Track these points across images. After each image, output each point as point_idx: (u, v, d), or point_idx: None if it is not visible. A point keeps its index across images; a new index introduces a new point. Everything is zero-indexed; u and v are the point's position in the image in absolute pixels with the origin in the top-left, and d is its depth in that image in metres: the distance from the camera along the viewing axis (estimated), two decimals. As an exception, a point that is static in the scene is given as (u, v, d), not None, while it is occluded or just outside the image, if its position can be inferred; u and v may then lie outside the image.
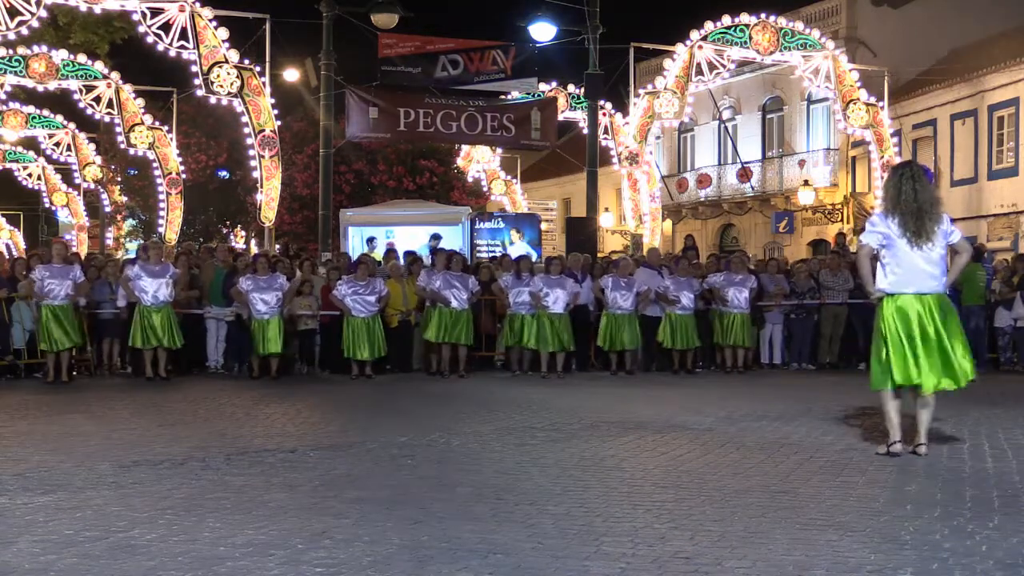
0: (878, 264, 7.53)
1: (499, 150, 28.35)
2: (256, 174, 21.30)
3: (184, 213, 27.26)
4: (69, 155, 31.40)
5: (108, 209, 32.63)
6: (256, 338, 14.20)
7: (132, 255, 19.47)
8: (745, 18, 22.67)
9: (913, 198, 7.35)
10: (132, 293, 14.02)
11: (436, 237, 20.65)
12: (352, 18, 21.39)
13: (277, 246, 23.08)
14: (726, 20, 22.62)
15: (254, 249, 27.20)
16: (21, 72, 23.52)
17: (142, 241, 25.04)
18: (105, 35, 24.15)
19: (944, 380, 7.27)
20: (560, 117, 24.82)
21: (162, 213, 26.36)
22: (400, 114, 21.65)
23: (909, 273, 7.33)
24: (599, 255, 20.55)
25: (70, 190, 34.85)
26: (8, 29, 18.45)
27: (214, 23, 19.75)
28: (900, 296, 7.36)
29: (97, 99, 25.09)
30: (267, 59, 20.97)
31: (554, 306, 14.88)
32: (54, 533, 5.16)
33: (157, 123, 26.14)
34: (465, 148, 28.28)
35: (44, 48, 23.36)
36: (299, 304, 14.95)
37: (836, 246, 19.95)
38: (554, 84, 25.14)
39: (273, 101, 20.88)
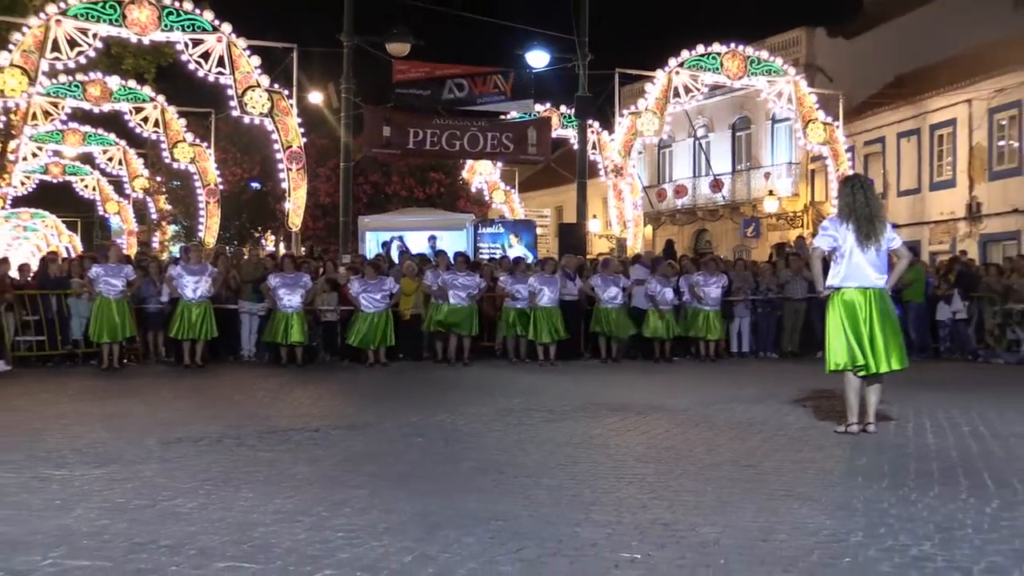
0: (831, 263, 7.56)
1: (499, 164, 28.34)
2: (284, 185, 21.32)
3: (221, 219, 27.29)
4: (120, 169, 31.44)
5: (154, 216, 32.70)
6: (278, 328, 14.22)
7: (176, 256, 19.50)
8: (717, 47, 22.68)
9: (865, 204, 7.40)
10: (175, 290, 14.04)
11: (432, 238, 21.02)
12: (369, 47, 21.40)
13: (303, 248, 23.08)
14: (700, 49, 22.63)
15: (283, 251, 27.21)
16: (79, 96, 23.58)
17: (183, 244, 25.04)
18: (153, 60, 24.20)
19: (879, 364, 7.29)
20: (553, 134, 24.81)
21: (201, 219, 26.39)
22: (411, 133, 21.64)
23: (856, 270, 7.37)
24: (588, 256, 20.58)
25: (121, 199, 34.88)
26: (68, 58, 18.46)
27: (247, 52, 19.74)
28: (846, 290, 7.40)
29: (145, 119, 25.18)
30: (294, 83, 20.98)
31: (543, 301, 14.91)
32: (108, 501, 5.16)
33: (198, 140, 26.17)
34: (469, 162, 28.27)
35: (99, 74, 23.38)
36: (323, 300, 14.97)
37: (795, 247, 19.95)
38: (548, 105, 25.16)
39: (299, 120, 20.87)
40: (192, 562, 4.01)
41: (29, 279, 15.12)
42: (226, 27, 19.30)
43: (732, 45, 22.87)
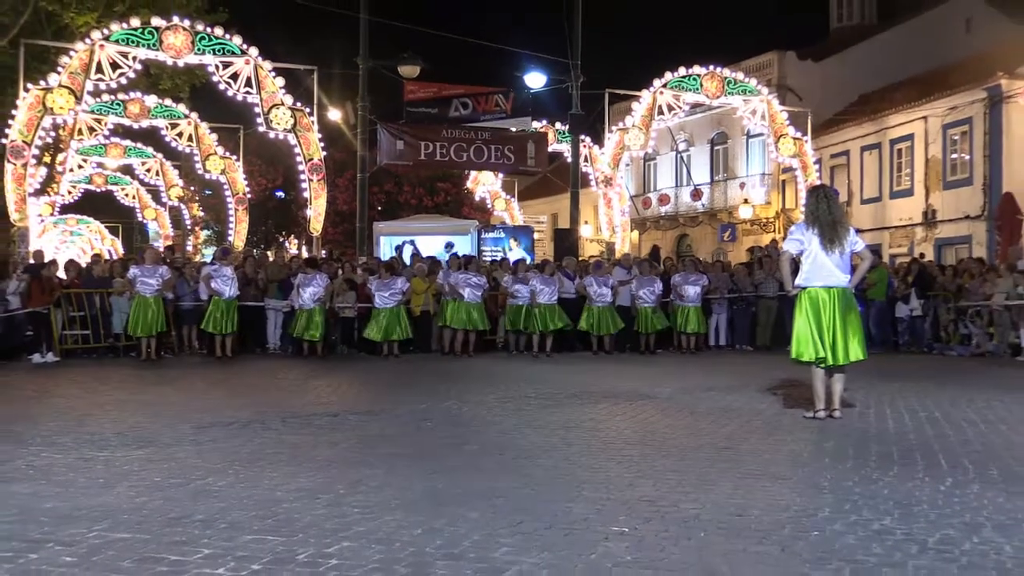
0: (800, 265, 7.58)
1: (500, 175, 28.33)
2: (306, 194, 21.26)
3: (249, 225, 27.25)
4: (157, 179, 31.39)
5: (188, 222, 32.67)
6: (298, 323, 14.22)
7: (208, 258, 19.50)
8: (697, 69, 22.64)
9: (828, 212, 7.42)
10: (211, 288, 14.03)
11: (450, 245, 20.91)
12: (383, 69, 21.38)
13: (323, 251, 23.07)
14: (682, 71, 22.59)
15: (305, 254, 27.21)
16: (120, 113, 23.56)
17: (215, 248, 25.04)
18: (187, 80, 24.18)
19: (838, 356, 7.30)
20: (550, 148, 24.79)
21: (231, 225, 26.35)
22: (421, 146, 21.59)
23: (821, 271, 7.39)
24: (580, 259, 20.58)
25: (158, 207, 34.82)
26: (111, 79, 18.48)
27: (273, 73, 19.71)
28: (812, 289, 7.41)
29: (180, 134, 25.14)
30: (315, 102, 20.92)
31: (543, 298, 14.91)
32: (146, 480, 5.16)
33: (227, 153, 26.12)
34: (473, 173, 28.24)
35: (138, 94, 23.36)
36: (342, 298, 14.96)
37: (767, 249, 19.93)
38: (544, 122, 25.11)
39: (320, 135, 20.82)
40: (222, 535, 4.01)
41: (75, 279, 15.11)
42: (253, 51, 19.26)
43: (711, 67, 22.82)
